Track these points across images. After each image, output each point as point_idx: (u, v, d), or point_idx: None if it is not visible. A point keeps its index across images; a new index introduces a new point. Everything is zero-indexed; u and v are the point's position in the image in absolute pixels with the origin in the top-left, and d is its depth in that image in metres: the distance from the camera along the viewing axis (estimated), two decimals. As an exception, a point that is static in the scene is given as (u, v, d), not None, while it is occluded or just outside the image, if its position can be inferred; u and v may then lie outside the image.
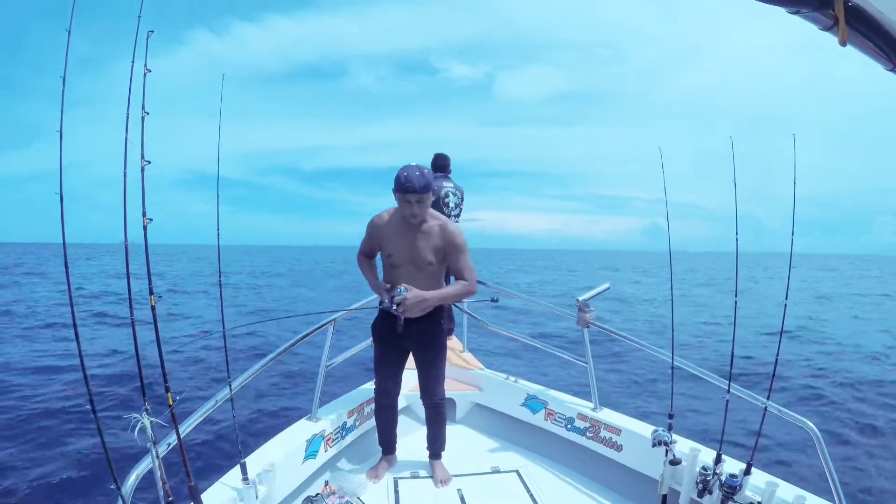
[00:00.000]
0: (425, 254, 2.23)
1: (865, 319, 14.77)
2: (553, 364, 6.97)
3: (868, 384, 7.20)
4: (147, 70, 1.40)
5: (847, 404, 6.33)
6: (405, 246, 2.25)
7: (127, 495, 1.41)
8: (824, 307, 17.57)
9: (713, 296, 20.81)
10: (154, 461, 1.47)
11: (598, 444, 2.59)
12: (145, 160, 1.41)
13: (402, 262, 2.26)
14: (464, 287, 2.29)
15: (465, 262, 2.27)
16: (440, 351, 2.48)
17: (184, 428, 1.68)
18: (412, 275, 2.25)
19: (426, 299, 2.18)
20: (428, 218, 2.25)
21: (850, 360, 8.95)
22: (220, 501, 1.77)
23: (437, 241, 2.23)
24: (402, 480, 2.50)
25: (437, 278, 2.33)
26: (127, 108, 1.36)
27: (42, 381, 6.18)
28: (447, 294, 2.30)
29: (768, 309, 14.22)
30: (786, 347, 8.47)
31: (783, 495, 1.87)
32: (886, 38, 0.76)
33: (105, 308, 12.78)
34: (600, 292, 2.76)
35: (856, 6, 0.72)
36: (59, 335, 9.33)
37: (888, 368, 8.37)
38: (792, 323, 12.58)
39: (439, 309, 2.41)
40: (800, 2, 0.73)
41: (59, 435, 4.56)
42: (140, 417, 1.41)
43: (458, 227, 2.33)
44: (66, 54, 1.25)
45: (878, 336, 11.59)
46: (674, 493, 2.14)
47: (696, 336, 10.68)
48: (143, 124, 1.40)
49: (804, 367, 8.07)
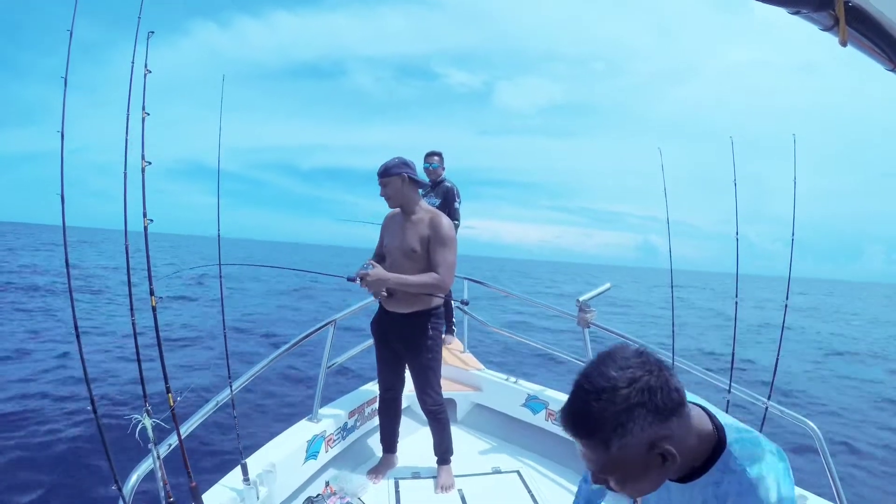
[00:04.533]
0: (411, 241, 2.26)
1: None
2: (553, 364, 6.97)
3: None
4: (147, 71, 1.41)
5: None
6: (396, 234, 2.33)
7: (128, 496, 1.41)
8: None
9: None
10: (155, 462, 1.47)
11: None
12: (146, 161, 1.42)
13: (391, 249, 2.35)
14: (432, 279, 2.20)
15: (443, 256, 2.22)
16: (427, 355, 2.36)
17: (185, 428, 1.68)
18: (399, 262, 2.29)
19: (386, 279, 2.20)
20: (419, 210, 2.31)
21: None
22: (221, 502, 1.77)
23: (425, 231, 2.26)
24: (402, 481, 2.50)
25: (423, 269, 2.26)
26: (127, 110, 1.36)
27: (42, 381, 6.17)
28: (409, 281, 2.21)
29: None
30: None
31: None
32: (887, 39, 0.76)
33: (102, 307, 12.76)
34: (601, 292, 2.76)
35: (856, 6, 0.72)
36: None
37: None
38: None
39: (426, 313, 2.33)
40: (800, 2, 0.73)
41: (59, 435, 4.55)
42: (141, 418, 1.41)
43: (450, 223, 2.30)
44: (67, 54, 1.25)
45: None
46: None
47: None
48: (144, 125, 1.40)
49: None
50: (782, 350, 2.15)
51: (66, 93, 1.33)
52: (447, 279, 2.23)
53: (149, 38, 1.39)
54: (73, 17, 1.26)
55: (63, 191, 1.28)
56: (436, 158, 4.05)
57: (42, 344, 7.75)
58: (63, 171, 1.28)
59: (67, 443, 4.39)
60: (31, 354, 7.13)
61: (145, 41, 1.38)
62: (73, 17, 1.26)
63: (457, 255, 2.29)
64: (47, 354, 7.10)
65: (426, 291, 2.26)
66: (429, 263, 2.26)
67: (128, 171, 1.34)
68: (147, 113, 1.41)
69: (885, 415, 6.87)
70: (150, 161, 1.42)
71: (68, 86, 1.31)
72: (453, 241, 2.26)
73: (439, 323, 2.41)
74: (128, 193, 1.33)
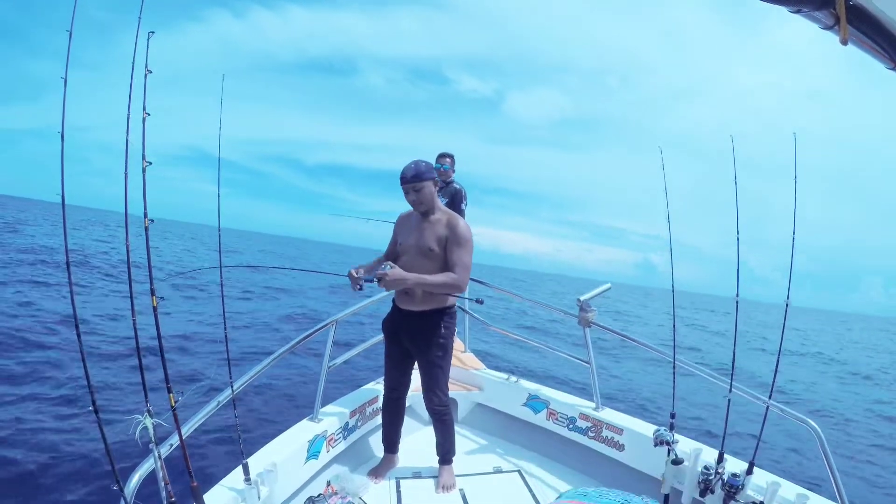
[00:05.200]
0: (429, 241, 2.29)
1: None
2: (554, 364, 6.97)
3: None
4: (148, 71, 1.40)
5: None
6: (413, 234, 2.36)
7: (129, 496, 1.42)
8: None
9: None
10: (156, 462, 1.47)
11: (600, 443, 2.59)
12: (146, 161, 1.41)
13: (407, 248, 2.36)
14: (449, 279, 2.22)
15: (459, 256, 2.25)
16: (437, 352, 2.38)
17: (186, 429, 1.68)
18: (414, 260, 2.31)
19: (406, 279, 2.19)
20: (437, 210, 2.35)
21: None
22: (222, 502, 1.77)
23: (442, 231, 2.29)
24: (404, 481, 2.50)
25: (439, 269, 2.28)
26: (128, 110, 1.36)
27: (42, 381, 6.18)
28: (428, 281, 2.22)
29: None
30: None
31: (785, 494, 1.87)
32: (888, 37, 0.76)
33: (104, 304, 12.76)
34: (601, 292, 2.76)
35: (857, 5, 0.72)
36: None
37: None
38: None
39: (439, 311, 2.35)
40: (801, 1, 0.73)
41: (59, 435, 4.56)
42: (142, 418, 1.41)
43: (467, 225, 2.32)
44: (66, 55, 1.25)
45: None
46: (676, 493, 2.14)
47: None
48: (144, 126, 1.40)
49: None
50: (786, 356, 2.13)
51: (65, 93, 1.32)
52: (464, 279, 2.25)
53: (149, 39, 1.38)
54: (72, 17, 1.25)
55: (63, 191, 1.28)
56: (448, 160, 4.12)
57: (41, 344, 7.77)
58: (63, 171, 1.28)
59: (68, 443, 4.40)
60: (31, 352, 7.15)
61: (146, 42, 1.38)
62: (72, 17, 1.25)
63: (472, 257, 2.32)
64: (48, 354, 7.11)
65: (444, 291, 2.27)
66: (445, 263, 2.28)
67: (128, 171, 1.34)
68: (147, 113, 1.41)
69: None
70: (150, 161, 1.42)
71: (72, 67, 1.28)
72: (470, 243, 2.29)
73: (452, 322, 2.43)
74: (127, 194, 1.33)
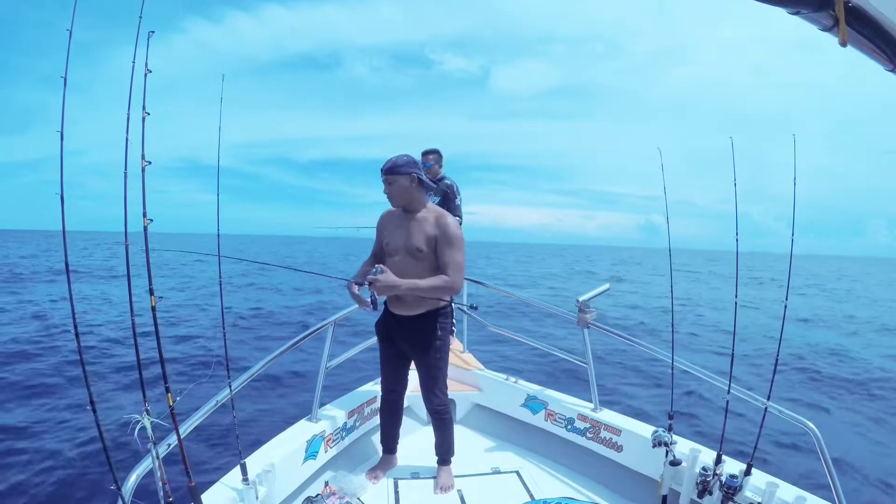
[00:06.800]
0: (416, 240, 2.20)
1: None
2: (554, 364, 6.96)
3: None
4: (148, 70, 1.40)
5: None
6: (400, 233, 2.27)
7: (127, 496, 1.41)
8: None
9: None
10: (154, 461, 1.47)
11: (599, 444, 2.59)
12: (146, 161, 1.42)
13: (395, 249, 2.27)
14: (442, 282, 2.14)
15: (451, 256, 2.17)
16: (435, 354, 2.34)
17: (184, 428, 1.68)
18: (404, 262, 2.22)
19: (397, 285, 2.11)
20: (422, 207, 2.27)
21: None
22: (220, 502, 1.77)
23: (431, 230, 2.20)
24: (402, 481, 2.50)
25: (429, 269, 2.21)
26: (128, 110, 1.36)
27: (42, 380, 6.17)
28: (421, 286, 2.13)
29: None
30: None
31: (783, 496, 1.87)
32: (887, 39, 0.76)
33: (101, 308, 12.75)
34: (600, 293, 2.76)
35: (856, 7, 0.72)
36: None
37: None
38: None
39: (433, 313, 2.30)
40: (800, 2, 0.73)
41: (58, 435, 4.55)
42: (140, 418, 1.41)
43: (457, 222, 2.26)
44: (66, 55, 1.25)
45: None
46: (674, 494, 2.14)
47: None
48: (144, 125, 1.40)
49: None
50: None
51: (65, 92, 1.33)
52: (457, 280, 2.16)
53: (149, 38, 1.38)
54: (72, 17, 1.25)
55: (63, 191, 1.28)
56: (431, 157, 3.92)
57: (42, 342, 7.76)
58: (63, 171, 1.28)
59: (67, 443, 4.39)
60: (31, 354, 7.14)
61: (146, 41, 1.38)
62: (72, 17, 1.25)
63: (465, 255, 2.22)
64: (48, 353, 7.10)
65: (438, 295, 2.19)
66: (435, 263, 2.20)
67: (128, 171, 1.34)
68: (147, 112, 1.41)
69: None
70: (150, 161, 1.42)
71: (58, 92, 1.30)
72: (461, 241, 2.21)
73: (447, 322, 2.37)
74: (128, 194, 1.33)
